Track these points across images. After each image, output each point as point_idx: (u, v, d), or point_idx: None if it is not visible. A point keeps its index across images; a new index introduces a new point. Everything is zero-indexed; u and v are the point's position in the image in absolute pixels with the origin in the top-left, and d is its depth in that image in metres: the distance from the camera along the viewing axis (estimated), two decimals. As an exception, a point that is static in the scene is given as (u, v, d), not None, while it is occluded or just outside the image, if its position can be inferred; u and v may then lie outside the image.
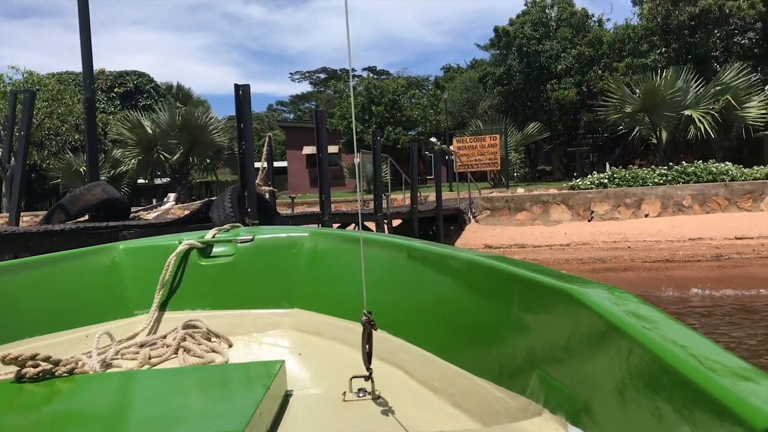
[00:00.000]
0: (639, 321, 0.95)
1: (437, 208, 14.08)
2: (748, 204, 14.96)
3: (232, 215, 5.80)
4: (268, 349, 1.94)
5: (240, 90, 6.33)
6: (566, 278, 1.23)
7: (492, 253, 1.71)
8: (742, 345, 6.05)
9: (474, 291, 1.50)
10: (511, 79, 27.98)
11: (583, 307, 1.05)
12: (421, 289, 1.73)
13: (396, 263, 1.85)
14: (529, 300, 1.27)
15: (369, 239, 2.01)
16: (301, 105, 74.65)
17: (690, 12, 21.97)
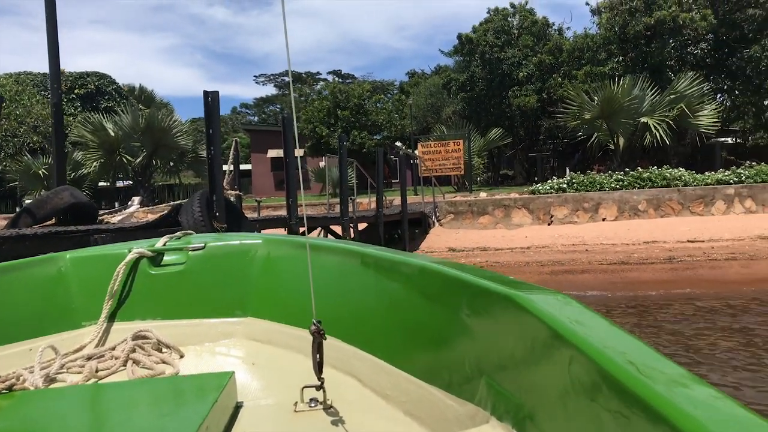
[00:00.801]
0: (581, 328, 0.95)
1: (402, 212, 14.28)
2: (700, 208, 15.57)
3: (201, 219, 5.91)
4: (220, 360, 1.89)
5: (209, 96, 6.45)
6: (513, 284, 1.23)
7: (444, 259, 1.68)
8: (682, 339, 6.42)
9: (425, 297, 1.49)
10: (475, 86, 28.48)
11: (527, 313, 1.05)
12: (375, 296, 1.72)
13: (349, 270, 1.83)
14: (477, 306, 1.27)
15: (322, 246, 2.01)
16: (265, 108, 74.26)
17: (646, 23, 22.70)
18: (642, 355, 0.87)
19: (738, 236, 13.04)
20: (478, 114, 28.57)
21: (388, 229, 13.89)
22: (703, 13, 22.40)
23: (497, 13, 29.03)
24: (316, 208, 19.25)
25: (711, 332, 6.76)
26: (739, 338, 6.46)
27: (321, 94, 34.15)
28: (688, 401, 0.72)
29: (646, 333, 6.83)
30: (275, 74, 76.65)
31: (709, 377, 5.25)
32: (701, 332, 6.75)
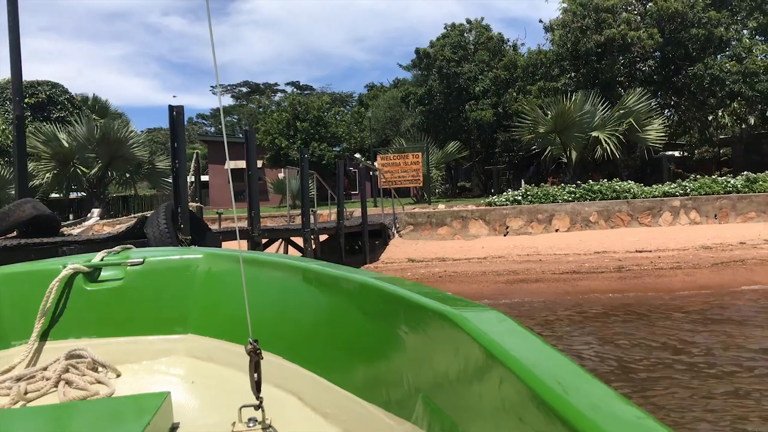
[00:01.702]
0: (512, 346, 0.96)
1: (363, 224, 14.47)
2: (648, 220, 16.23)
3: (167, 231, 6.02)
4: (158, 378, 1.84)
5: (174, 110, 6.58)
6: (450, 301, 1.24)
7: (386, 275, 1.69)
8: (624, 342, 6.80)
9: (365, 314, 1.49)
10: (432, 99, 29.00)
11: (461, 331, 1.05)
12: (316, 312, 1.70)
13: (291, 286, 1.82)
14: (415, 323, 1.27)
15: (263, 261, 2.00)
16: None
17: (597, 40, 23.54)
18: (569, 374, 0.88)
19: (683, 246, 13.67)
20: (436, 127, 29.09)
21: (348, 241, 14.06)
22: (650, 32, 23.35)
23: (454, 28, 29.68)
24: (275, 219, 19.30)
25: (650, 336, 7.16)
26: (678, 342, 6.88)
27: (280, 105, 34.17)
28: (612, 422, 0.73)
29: (590, 339, 7.19)
30: (232, 85, 76.17)
31: (645, 380, 5.61)
32: (640, 336, 7.15)
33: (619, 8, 24.33)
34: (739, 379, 5.50)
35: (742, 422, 4.47)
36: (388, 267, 13.73)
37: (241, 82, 76.65)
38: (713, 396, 5.04)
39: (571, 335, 7.51)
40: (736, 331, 7.32)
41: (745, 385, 5.31)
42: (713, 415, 4.62)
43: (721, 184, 17.20)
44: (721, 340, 6.85)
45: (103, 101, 43.70)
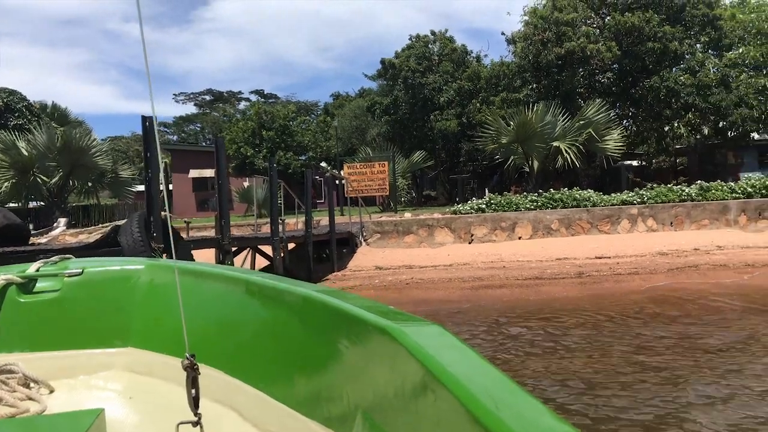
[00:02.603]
0: (449, 362, 0.96)
1: (330, 232, 14.63)
2: (607, 227, 16.75)
3: (140, 240, 6.11)
4: (95, 394, 1.77)
5: (146, 121, 6.67)
6: (391, 315, 1.23)
7: (330, 288, 1.66)
8: (583, 342, 7.11)
9: (308, 328, 1.48)
10: (398, 109, 29.36)
11: (399, 346, 1.05)
12: (258, 325, 1.67)
13: (233, 298, 1.78)
14: (356, 337, 1.27)
15: (206, 273, 1.96)
16: (185, 127, 72.78)
17: (557, 53, 24.18)
18: (503, 390, 0.89)
19: (640, 252, 14.17)
20: (401, 136, 29.44)
21: (316, 249, 14.20)
22: (609, 45, 24.09)
23: (419, 39, 30.13)
24: (241, 228, 19.27)
25: (607, 337, 7.50)
26: (632, 339, 7.22)
27: (246, 114, 34.12)
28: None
29: (549, 340, 7.49)
30: (195, 93, 75.53)
31: (595, 373, 5.91)
32: (598, 338, 7.48)
33: (579, 22, 25.06)
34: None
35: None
36: (355, 275, 13.90)
37: (205, 90, 75.97)
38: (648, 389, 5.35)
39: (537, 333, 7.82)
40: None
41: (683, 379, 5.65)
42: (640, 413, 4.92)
43: (677, 193, 17.84)
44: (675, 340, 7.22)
45: (62, 109, 42.91)
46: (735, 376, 5.70)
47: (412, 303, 10.92)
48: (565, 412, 4.92)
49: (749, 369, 5.97)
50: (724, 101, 24.55)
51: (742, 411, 4.79)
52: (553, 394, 5.40)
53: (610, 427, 4.64)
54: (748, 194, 17.56)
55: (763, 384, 5.47)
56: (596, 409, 4.99)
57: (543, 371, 6.22)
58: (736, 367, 6.05)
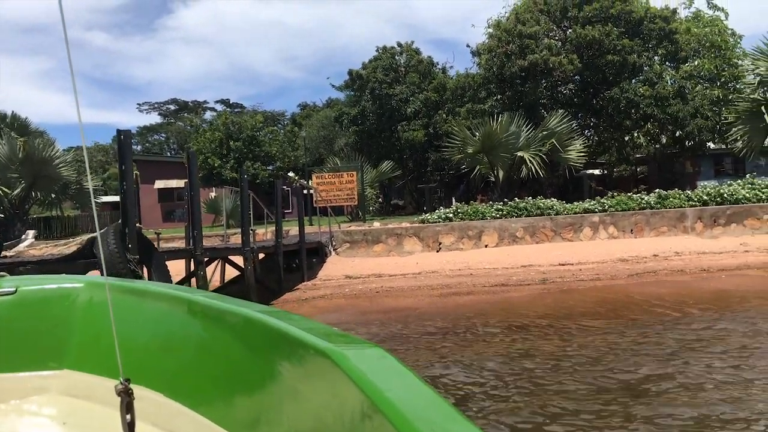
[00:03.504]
0: (388, 387, 0.96)
1: (300, 242, 14.75)
2: (570, 235, 17.22)
3: (116, 252, 6.22)
4: (27, 420, 1.68)
5: (122, 135, 6.79)
6: (333, 337, 1.21)
7: (274, 309, 1.63)
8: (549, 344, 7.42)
9: (250, 350, 1.45)
10: (366, 120, 29.68)
11: (339, 370, 1.04)
12: (200, 347, 1.62)
13: (175, 318, 1.73)
14: (297, 360, 1.25)
15: (147, 291, 1.91)
16: (150, 137, 71.92)
17: (521, 65, 24.77)
18: (440, 415, 0.90)
19: (602, 259, 14.64)
20: (369, 147, 29.74)
21: (286, 259, 14.30)
22: (570, 58, 24.78)
23: (386, 51, 30.54)
24: (209, 239, 19.23)
25: (564, 339, 7.83)
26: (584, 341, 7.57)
27: (213, 124, 34.03)
28: None
29: (515, 342, 7.79)
30: (160, 102, 74.64)
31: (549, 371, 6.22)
32: (560, 339, 7.81)
33: (541, 35, 25.72)
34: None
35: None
36: (326, 284, 14.06)
37: (169, 99, 75.22)
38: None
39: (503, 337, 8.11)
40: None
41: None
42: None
43: (636, 201, 18.43)
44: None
45: (22, 119, 42.15)
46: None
47: (381, 311, 11.13)
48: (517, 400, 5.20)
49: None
50: (681, 112, 25.45)
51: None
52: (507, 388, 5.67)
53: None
54: (704, 202, 18.24)
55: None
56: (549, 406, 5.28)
57: (504, 369, 6.50)
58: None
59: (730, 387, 5.60)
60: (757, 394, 5.43)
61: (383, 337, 8.88)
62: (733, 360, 6.56)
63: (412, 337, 8.83)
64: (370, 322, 10.19)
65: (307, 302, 12.44)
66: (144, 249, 6.95)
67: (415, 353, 7.77)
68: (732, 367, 6.28)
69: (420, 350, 7.99)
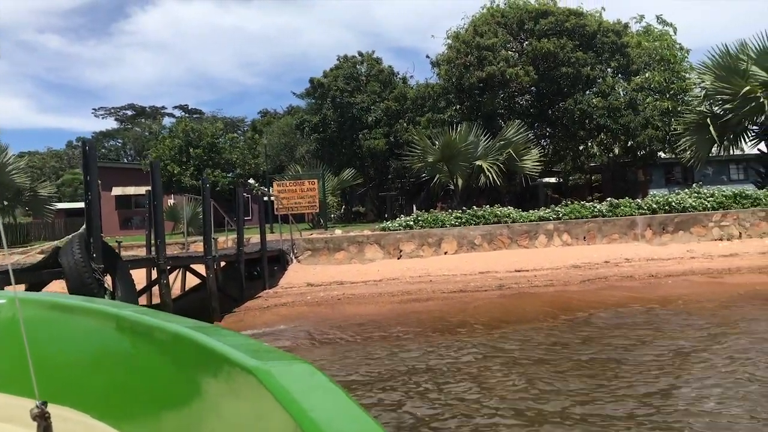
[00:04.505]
0: (314, 406, 0.94)
1: (262, 250, 14.84)
2: (526, 242, 17.72)
3: (81, 261, 6.31)
4: None
5: (86, 145, 6.89)
6: (262, 354, 1.18)
7: (206, 324, 1.57)
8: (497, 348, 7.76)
9: (179, 367, 1.41)
10: (327, 128, 29.88)
11: (264, 389, 1.02)
12: (129, 364, 1.57)
13: (103, 335, 1.68)
14: (225, 379, 1.21)
15: (74, 307, 1.83)
16: (106, 142, 70.62)
17: (479, 76, 25.35)
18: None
19: (556, 266, 15.14)
20: (330, 154, 29.93)
21: (247, 267, 14.35)
22: (526, 70, 25.47)
23: (346, 60, 30.83)
24: (169, 247, 19.09)
25: (514, 343, 8.21)
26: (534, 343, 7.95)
27: (172, 131, 33.76)
28: None
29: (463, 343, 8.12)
30: (116, 107, 73.49)
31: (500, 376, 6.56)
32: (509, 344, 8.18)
33: (499, 47, 26.35)
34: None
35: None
36: (287, 292, 14.18)
37: (126, 104, 74.15)
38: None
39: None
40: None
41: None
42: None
43: (589, 209, 19.06)
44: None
45: (-29, 124, 41.04)
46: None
47: (343, 318, 11.34)
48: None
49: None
50: (633, 123, 26.37)
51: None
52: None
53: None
54: (653, 210, 18.97)
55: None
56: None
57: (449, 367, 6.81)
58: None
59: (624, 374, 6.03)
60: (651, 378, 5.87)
61: (339, 343, 9.11)
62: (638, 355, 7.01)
63: (364, 341, 9.08)
64: (331, 329, 10.42)
65: (269, 310, 12.55)
66: (108, 258, 7.04)
67: (361, 358, 8.02)
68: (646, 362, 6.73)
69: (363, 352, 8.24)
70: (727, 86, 23.44)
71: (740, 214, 18.52)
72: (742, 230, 18.32)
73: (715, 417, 5.14)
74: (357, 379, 6.97)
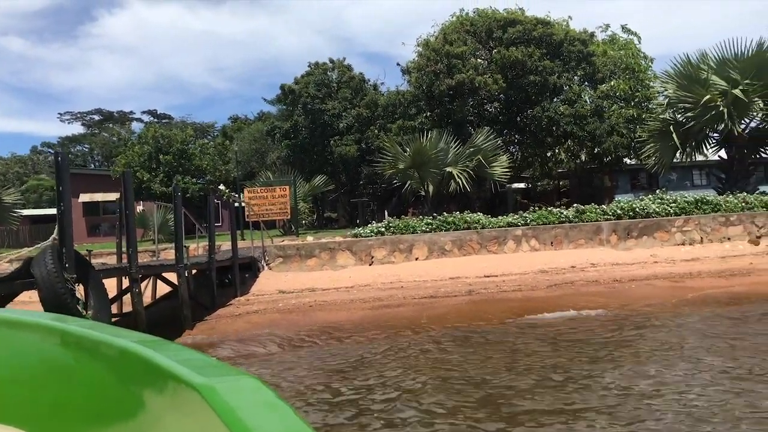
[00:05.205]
0: (258, 424, 0.93)
1: (233, 257, 14.86)
2: (495, 248, 18.03)
3: (54, 271, 6.35)
4: None
5: (59, 156, 6.93)
6: (208, 370, 1.17)
7: (155, 338, 1.50)
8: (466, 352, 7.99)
9: (123, 383, 1.36)
10: (298, 134, 29.98)
11: (209, 407, 1.01)
12: (74, 380, 1.53)
13: (48, 350, 1.63)
14: (170, 395, 1.19)
15: (19, 322, 1.78)
16: (72, 147, 69.48)
17: (448, 83, 25.69)
18: None
19: (524, 271, 15.45)
20: (302, 160, 30.03)
21: (218, 274, 14.33)
22: (495, 78, 25.90)
23: (318, 67, 30.99)
24: (139, 254, 18.98)
25: (489, 348, 8.44)
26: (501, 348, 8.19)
27: (141, 138, 33.47)
28: None
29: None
30: (83, 112, 72.28)
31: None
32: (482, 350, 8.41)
33: (468, 55, 26.75)
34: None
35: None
36: (259, 299, 14.23)
37: (93, 109, 72.97)
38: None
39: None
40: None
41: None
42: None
43: (556, 215, 19.46)
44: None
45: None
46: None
47: (315, 325, 11.46)
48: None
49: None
50: (598, 130, 27.00)
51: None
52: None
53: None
54: (618, 216, 19.46)
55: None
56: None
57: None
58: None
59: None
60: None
61: (312, 350, 9.24)
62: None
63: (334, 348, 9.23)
64: (302, 335, 10.54)
65: (240, 317, 12.60)
66: (81, 268, 7.08)
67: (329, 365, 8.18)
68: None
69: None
70: (689, 95, 24.15)
71: (701, 219, 19.10)
72: (704, 235, 18.90)
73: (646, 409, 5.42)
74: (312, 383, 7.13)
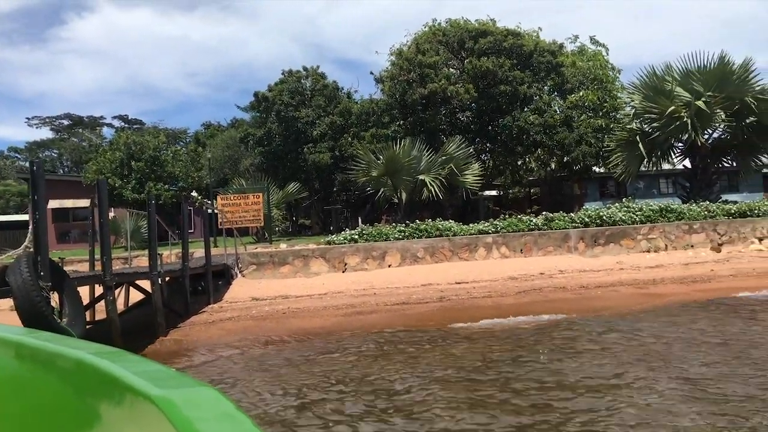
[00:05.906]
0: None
1: (206, 265, 14.88)
2: (466, 255, 18.34)
3: (29, 279, 6.43)
4: None
5: (34, 165, 7.01)
6: (165, 382, 1.14)
7: (113, 349, 1.48)
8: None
9: (80, 396, 1.34)
10: (272, 141, 30.05)
11: (166, 420, 0.98)
12: (29, 394, 1.50)
13: (2, 363, 1.61)
14: (128, 409, 1.17)
15: None
16: (40, 153, 68.31)
17: (421, 93, 26.06)
18: None
19: (494, 277, 15.75)
20: (275, 168, 30.11)
21: (192, 282, 14.33)
22: (467, 87, 26.34)
23: (291, 75, 31.14)
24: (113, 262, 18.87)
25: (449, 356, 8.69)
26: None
27: (113, 144, 33.19)
28: None
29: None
30: (51, 116, 71.06)
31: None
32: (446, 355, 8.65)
33: (441, 65, 27.18)
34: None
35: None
36: (232, 306, 14.29)
37: (62, 113, 71.80)
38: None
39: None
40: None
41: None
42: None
43: (526, 223, 19.86)
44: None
45: None
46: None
47: (288, 332, 11.58)
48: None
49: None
50: (567, 139, 27.62)
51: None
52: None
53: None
54: (585, 224, 19.93)
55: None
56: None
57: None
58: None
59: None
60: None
61: (284, 355, 9.39)
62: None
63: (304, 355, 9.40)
64: (275, 342, 10.68)
65: (214, 325, 12.66)
66: (56, 276, 7.15)
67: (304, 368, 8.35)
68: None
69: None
70: (654, 106, 24.83)
71: (666, 227, 19.67)
72: (668, 242, 19.46)
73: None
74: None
